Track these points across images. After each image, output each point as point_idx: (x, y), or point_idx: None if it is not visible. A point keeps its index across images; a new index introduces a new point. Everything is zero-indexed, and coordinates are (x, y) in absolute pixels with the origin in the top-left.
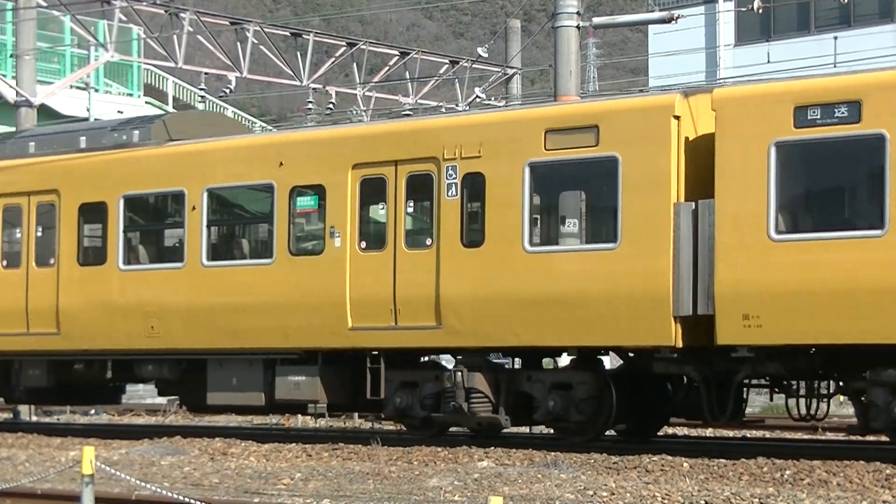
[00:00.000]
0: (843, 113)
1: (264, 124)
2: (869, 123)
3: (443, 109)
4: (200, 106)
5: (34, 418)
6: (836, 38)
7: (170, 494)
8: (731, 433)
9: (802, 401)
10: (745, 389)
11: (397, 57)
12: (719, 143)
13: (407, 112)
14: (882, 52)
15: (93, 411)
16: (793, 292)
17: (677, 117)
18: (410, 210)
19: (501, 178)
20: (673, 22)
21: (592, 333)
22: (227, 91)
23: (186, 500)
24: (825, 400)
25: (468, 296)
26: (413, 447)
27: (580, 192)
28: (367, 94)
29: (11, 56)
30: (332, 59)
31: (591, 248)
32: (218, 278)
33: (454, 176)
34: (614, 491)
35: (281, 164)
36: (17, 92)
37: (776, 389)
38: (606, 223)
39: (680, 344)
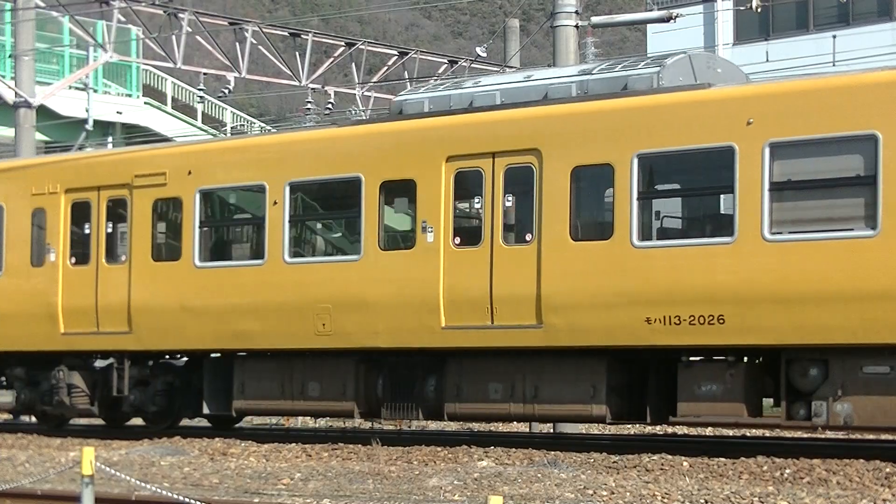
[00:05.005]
0: None
1: (263, 124)
2: None
3: None
4: (199, 107)
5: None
6: (834, 36)
7: (169, 495)
8: (730, 432)
9: None
10: None
11: (396, 57)
12: None
13: None
14: (881, 50)
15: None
16: None
17: None
18: None
19: None
20: (672, 21)
21: None
22: (226, 91)
23: (186, 500)
24: None
25: None
26: (413, 447)
27: None
28: (366, 94)
29: (10, 57)
30: (331, 59)
31: None
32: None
33: None
34: (614, 490)
35: None
36: (15, 93)
37: None
38: None
39: None
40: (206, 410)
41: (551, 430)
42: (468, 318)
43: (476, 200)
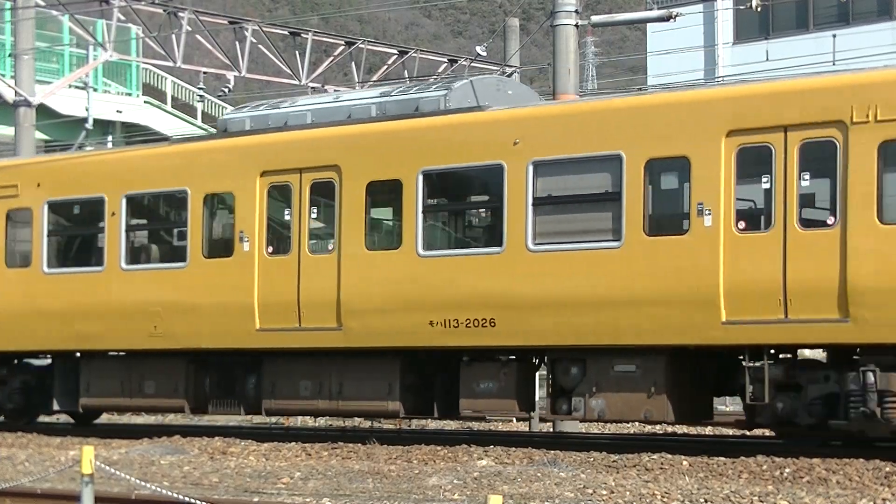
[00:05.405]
0: None
1: None
2: None
3: None
4: (199, 106)
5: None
6: (834, 35)
7: (169, 494)
8: (730, 431)
9: None
10: None
11: (396, 56)
12: None
13: None
14: (881, 49)
15: None
16: None
17: None
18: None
19: None
20: (672, 20)
21: None
22: (226, 90)
23: (186, 499)
24: None
25: None
26: (412, 446)
27: None
28: None
29: (10, 56)
30: (331, 58)
31: None
32: None
33: None
34: (613, 489)
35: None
36: (15, 92)
37: None
38: None
39: None
40: (56, 407)
41: (551, 430)
42: (279, 321)
43: (286, 212)
